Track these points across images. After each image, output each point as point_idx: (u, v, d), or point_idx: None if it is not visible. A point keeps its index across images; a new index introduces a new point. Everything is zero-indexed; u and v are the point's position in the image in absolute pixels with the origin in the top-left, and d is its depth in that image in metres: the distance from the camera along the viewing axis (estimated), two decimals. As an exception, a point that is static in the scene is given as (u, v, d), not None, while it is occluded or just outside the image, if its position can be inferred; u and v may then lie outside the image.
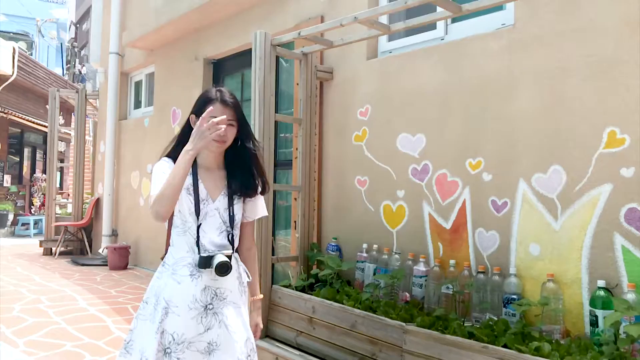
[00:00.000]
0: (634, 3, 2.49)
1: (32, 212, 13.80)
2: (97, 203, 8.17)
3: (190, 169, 1.74)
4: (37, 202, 14.02)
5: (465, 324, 2.71)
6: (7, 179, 13.67)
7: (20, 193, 14.24)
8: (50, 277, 6.27)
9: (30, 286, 5.70)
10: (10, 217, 12.72)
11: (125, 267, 6.91)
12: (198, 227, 1.80)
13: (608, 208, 2.54)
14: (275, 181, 4.59)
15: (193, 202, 1.80)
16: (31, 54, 22.92)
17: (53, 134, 8.42)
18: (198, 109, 1.81)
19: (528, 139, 2.87)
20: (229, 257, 1.82)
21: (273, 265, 3.83)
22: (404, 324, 2.80)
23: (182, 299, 1.78)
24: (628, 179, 2.47)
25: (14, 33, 25.43)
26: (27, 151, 16.04)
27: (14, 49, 12.48)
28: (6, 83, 12.47)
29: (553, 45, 2.78)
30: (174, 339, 1.76)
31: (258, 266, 2.15)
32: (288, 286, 3.61)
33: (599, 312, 2.41)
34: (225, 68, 5.85)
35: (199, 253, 1.79)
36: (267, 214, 2.02)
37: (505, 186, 2.96)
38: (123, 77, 7.85)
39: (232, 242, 1.88)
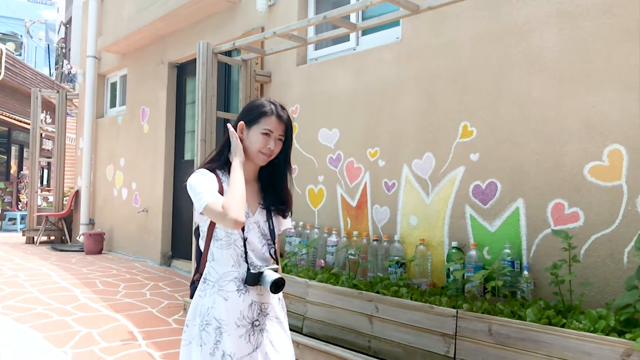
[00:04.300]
0: (479, 25, 3.18)
1: (19, 208, 14.33)
2: (77, 195, 8.76)
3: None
4: (24, 198, 14.53)
5: (358, 280, 3.38)
6: (-6, 175, 14.18)
7: (8, 190, 14.71)
8: (29, 259, 6.88)
9: (11, 265, 6.31)
10: (-2, 212, 13.24)
11: (100, 252, 7.53)
12: (244, 240, 1.72)
13: (461, 185, 3.22)
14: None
15: None
16: (20, 55, 23.38)
17: (35, 131, 9.00)
18: (252, 120, 1.75)
19: (410, 132, 3.55)
20: (276, 271, 1.74)
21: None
22: (308, 280, 3.48)
23: (230, 316, 1.69)
24: (475, 162, 3.16)
25: (2, 34, 25.85)
26: (14, 149, 16.52)
27: (1, 50, 12.99)
28: (-7, 83, 13.00)
29: (427, 56, 3.47)
30: None
31: None
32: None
33: (450, 266, 3.09)
34: (187, 71, 6.49)
35: (248, 269, 1.71)
36: (291, 226, 2.05)
37: (393, 170, 3.64)
38: (100, 79, 8.45)
39: (274, 256, 1.81)
